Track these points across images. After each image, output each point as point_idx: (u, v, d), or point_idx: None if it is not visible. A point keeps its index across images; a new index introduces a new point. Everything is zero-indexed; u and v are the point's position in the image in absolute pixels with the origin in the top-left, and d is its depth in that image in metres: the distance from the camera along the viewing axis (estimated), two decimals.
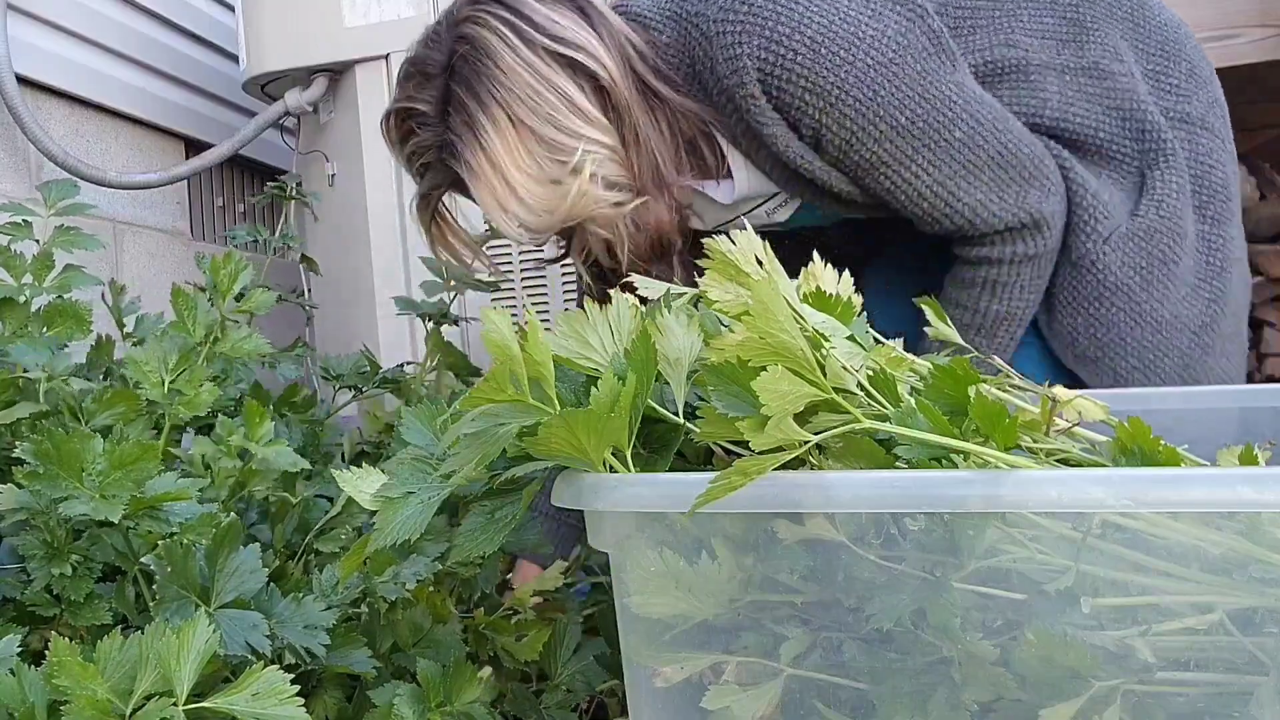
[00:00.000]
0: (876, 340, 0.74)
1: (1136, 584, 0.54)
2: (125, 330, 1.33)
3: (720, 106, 1.19)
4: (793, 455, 0.57)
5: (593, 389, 0.63)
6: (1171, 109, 1.28)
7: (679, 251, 1.24)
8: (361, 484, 0.74)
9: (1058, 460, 0.64)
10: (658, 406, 0.67)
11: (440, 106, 1.16)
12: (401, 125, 1.21)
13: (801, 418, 0.59)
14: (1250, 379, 2.54)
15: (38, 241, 1.18)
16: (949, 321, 0.84)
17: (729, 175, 1.27)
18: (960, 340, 0.84)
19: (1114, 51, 1.27)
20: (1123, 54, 1.27)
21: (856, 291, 0.73)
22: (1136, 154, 1.25)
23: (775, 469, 0.57)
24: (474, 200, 1.19)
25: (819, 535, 0.59)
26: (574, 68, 1.14)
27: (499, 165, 1.13)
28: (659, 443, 0.69)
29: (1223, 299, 1.26)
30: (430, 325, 1.60)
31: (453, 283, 1.56)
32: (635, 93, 1.16)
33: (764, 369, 0.57)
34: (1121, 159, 1.26)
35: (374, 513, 0.72)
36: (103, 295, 1.33)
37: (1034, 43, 1.26)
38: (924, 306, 0.83)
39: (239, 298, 1.24)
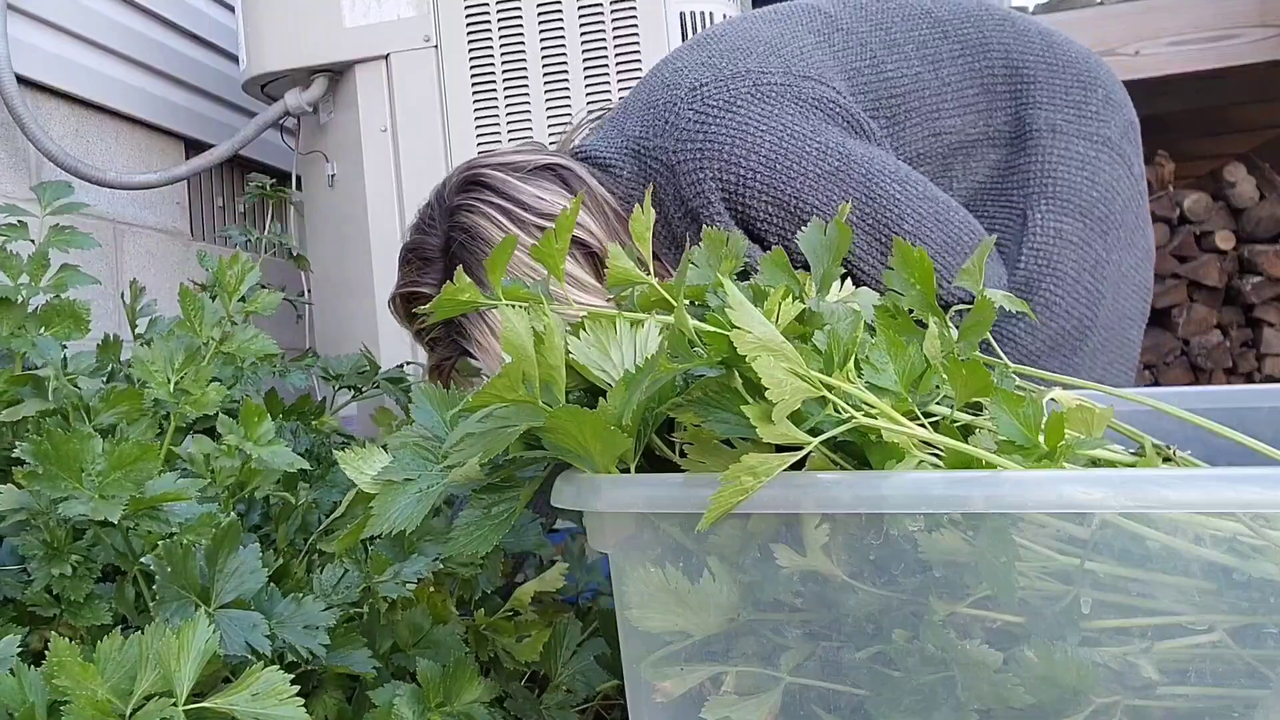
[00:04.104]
0: None
1: (1136, 591, 0.54)
2: (137, 331, 1.33)
3: (679, 234, 1.26)
4: (801, 455, 0.57)
5: (600, 400, 0.63)
6: (1094, 133, 1.34)
7: None
8: (363, 464, 0.73)
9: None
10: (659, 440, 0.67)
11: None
12: (407, 307, 1.29)
13: (795, 418, 0.59)
14: (1250, 379, 2.54)
15: (33, 242, 1.18)
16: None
17: None
18: None
19: (1013, 113, 1.33)
20: (1027, 107, 1.33)
21: None
22: (1020, 198, 1.32)
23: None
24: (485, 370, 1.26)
25: (816, 569, 0.58)
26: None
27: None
28: (664, 469, 0.69)
29: (1090, 322, 1.33)
30: None
31: None
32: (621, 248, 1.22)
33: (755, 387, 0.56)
34: (1009, 206, 1.33)
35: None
36: (122, 295, 1.34)
37: (956, 122, 1.33)
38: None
39: (244, 299, 1.24)
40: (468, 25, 1.85)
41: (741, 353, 0.57)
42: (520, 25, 1.84)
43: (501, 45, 1.85)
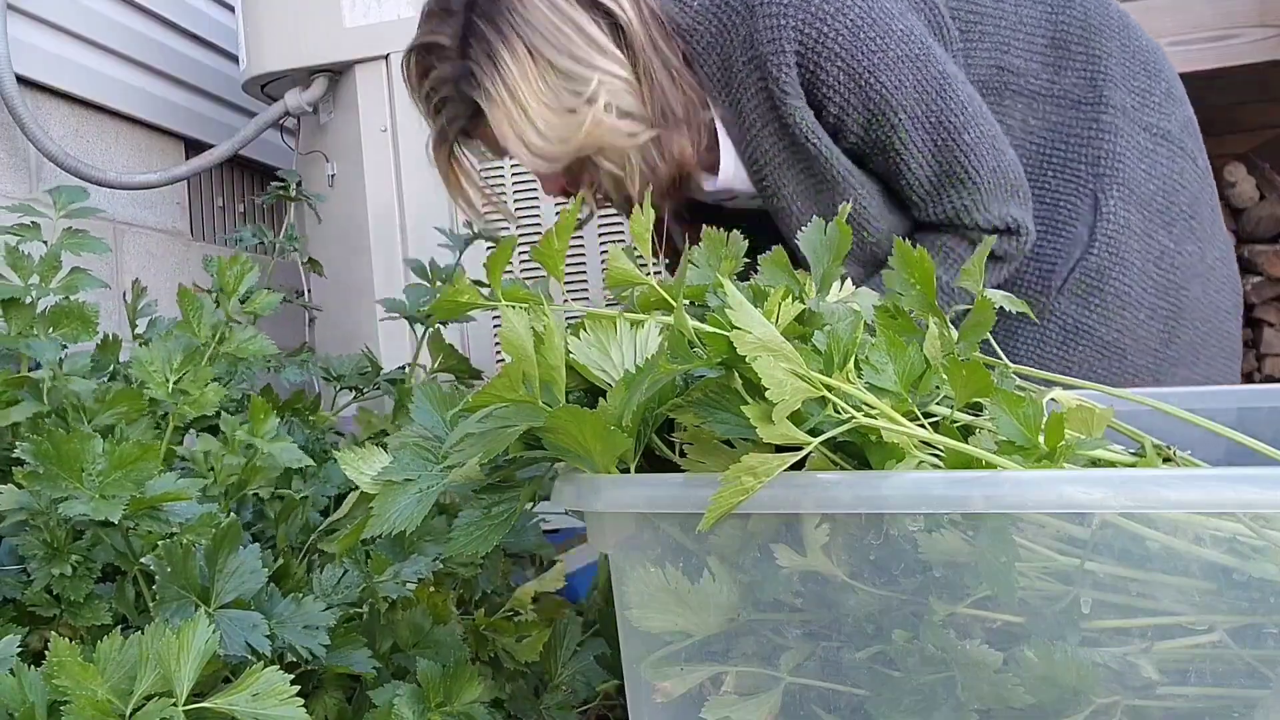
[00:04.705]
0: None
1: (1136, 591, 0.54)
2: (136, 331, 1.33)
3: (739, 80, 1.22)
4: (801, 455, 0.57)
5: (601, 400, 0.62)
6: (1154, 125, 1.33)
7: (684, 191, 1.29)
8: (363, 464, 0.73)
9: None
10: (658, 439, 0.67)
11: (461, 39, 1.21)
12: (422, 61, 1.25)
13: (796, 418, 0.59)
14: (1250, 379, 2.54)
15: (45, 243, 1.18)
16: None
17: (713, 167, 1.31)
18: None
19: (1089, 79, 1.32)
20: (1101, 78, 1.31)
21: None
22: (1091, 178, 1.30)
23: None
24: (489, 131, 1.23)
25: (816, 569, 0.58)
26: (593, 6, 1.19)
27: (516, 93, 1.18)
28: (664, 469, 0.69)
29: (1180, 314, 1.32)
30: (428, 328, 1.60)
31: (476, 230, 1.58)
32: (649, 42, 1.21)
33: (756, 387, 0.56)
34: (1075, 180, 1.31)
35: None
36: (124, 295, 1.34)
37: (1021, 64, 1.31)
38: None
39: (244, 299, 1.25)
40: None
41: (741, 353, 0.57)
42: None
43: None
